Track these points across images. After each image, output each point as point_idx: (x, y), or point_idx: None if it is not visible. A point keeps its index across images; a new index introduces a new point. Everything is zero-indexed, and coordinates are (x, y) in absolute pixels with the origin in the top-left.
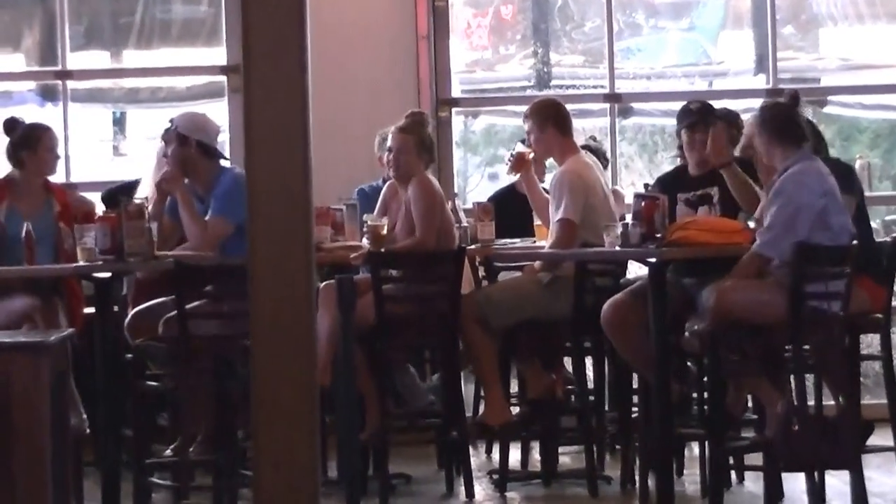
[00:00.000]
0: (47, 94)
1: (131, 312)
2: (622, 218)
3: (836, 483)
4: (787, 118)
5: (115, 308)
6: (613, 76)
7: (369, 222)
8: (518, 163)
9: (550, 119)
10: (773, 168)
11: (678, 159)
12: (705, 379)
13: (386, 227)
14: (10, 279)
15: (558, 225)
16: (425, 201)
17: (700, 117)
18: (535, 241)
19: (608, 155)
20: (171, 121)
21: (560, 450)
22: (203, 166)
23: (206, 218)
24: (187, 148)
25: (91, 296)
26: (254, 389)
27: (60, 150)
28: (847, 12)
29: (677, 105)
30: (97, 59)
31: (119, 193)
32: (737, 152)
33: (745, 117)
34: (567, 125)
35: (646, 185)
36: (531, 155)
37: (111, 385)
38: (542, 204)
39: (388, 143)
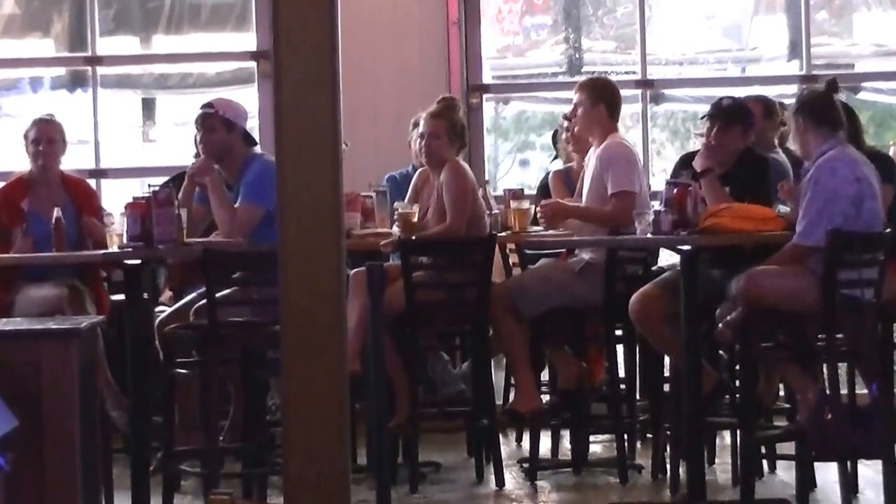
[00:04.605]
0: (77, 80)
1: (162, 314)
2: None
3: (869, 472)
4: (823, 105)
5: (145, 295)
6: (645, 62)
7: (400, 210)
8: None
9: (604, 98)
10: (807, 155)
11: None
12: (737, 367)
13: (417, 215)
14: (39, 267)
15: (619, 197)
16: (457, 187)
17: (717, 114)
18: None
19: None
20: (210, 106)
21: (591, 438)
22: (238, 153)
23: (236, 205)
24: (233, 134)
25: (120, 282)
26: (284, 377)
27: (77, 138)
28: None
29: (709, 91)
30: (126, 44)
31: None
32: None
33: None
34: (617, 110)
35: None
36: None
37: (141, 372)
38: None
39: (421, 128)
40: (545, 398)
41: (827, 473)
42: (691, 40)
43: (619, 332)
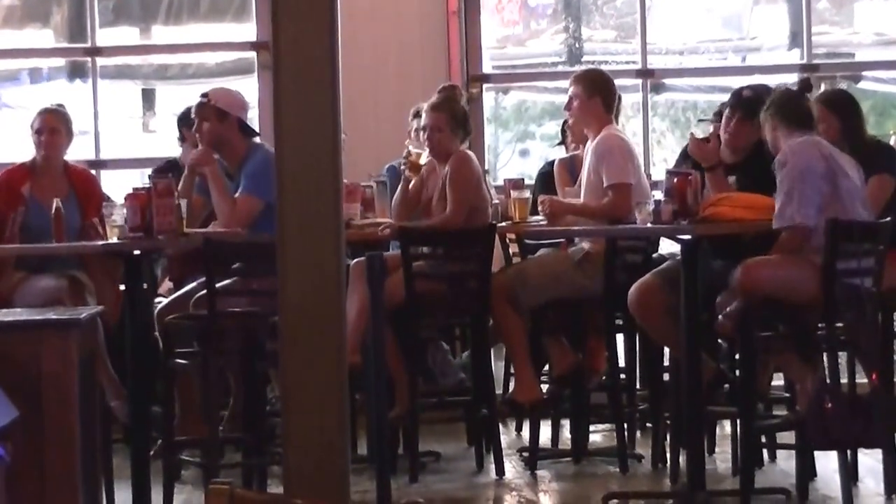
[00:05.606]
0: (76, 71)
1: (161, 304)
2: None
3: (869, 461)
4: (795, 105)
5: (145, 286)
6: (646, 51)
7: (410, 148)
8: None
9: (600, 90)
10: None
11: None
12: (736, 357)
13: (424, 156)
14: (39, 258)
15: (615, 189)
16: (459, 178)
17: (737, 105)
18: None
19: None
20: (205, 95)
21: (591, 428)
22: (236, 143)
23: (236, 195)
24: (226, 124)
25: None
26: (283, 368)
27: (76, 128)
28: None
29: (710, 81)
30: (126, 35)
31: (166, 171)
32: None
33: None
34: (612, 102)
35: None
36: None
37: (141, 363)
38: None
39: (423, 120)
40: (545, 388)
41: (827, 462)
42: (692, 29)
43: (619, 322)
